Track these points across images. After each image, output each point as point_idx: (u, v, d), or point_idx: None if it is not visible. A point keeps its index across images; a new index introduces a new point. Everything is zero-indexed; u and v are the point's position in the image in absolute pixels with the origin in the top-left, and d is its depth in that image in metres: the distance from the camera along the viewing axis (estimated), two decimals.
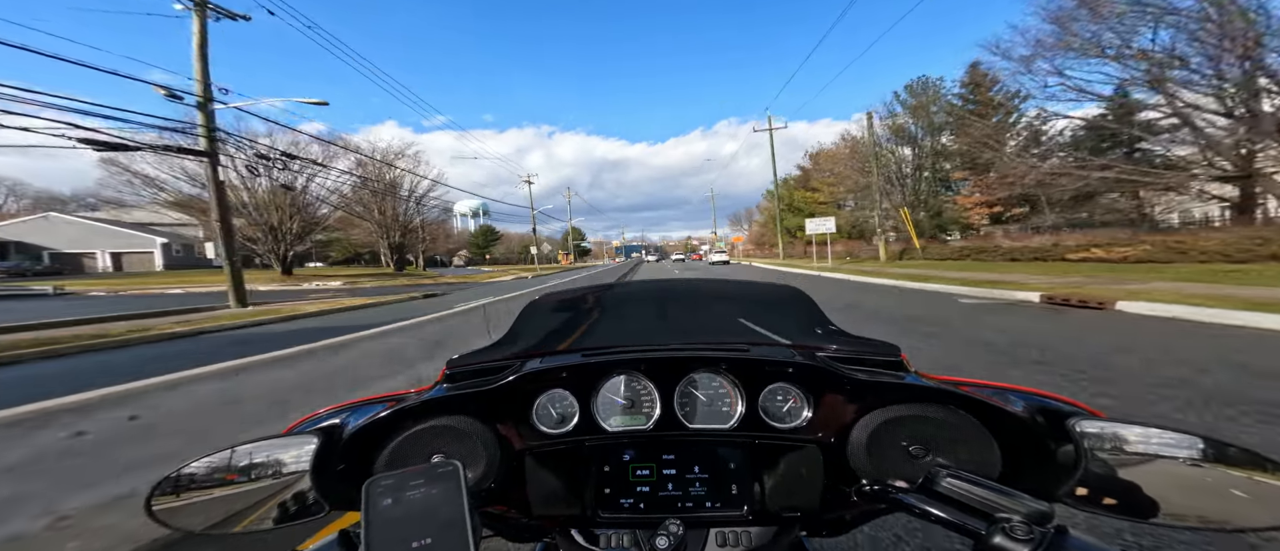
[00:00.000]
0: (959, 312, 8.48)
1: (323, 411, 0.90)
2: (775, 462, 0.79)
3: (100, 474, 3.07)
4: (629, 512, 0.77)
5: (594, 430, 0.84)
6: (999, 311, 8.40)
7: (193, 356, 7.05)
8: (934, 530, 2.14)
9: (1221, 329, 5.98)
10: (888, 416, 0.77)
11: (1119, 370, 4.44)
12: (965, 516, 0.54)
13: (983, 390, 0.79)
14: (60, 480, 3.03)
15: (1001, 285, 11.11)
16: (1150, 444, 0.64)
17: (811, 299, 1.12)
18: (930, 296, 11.13)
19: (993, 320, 7.54)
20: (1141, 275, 11.89)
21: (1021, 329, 6.71)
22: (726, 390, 0.86)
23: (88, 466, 3.25)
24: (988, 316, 7.92)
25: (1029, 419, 0.73)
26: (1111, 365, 4.61)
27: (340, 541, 0.51)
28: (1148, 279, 10.94)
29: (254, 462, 0.71)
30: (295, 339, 8.48)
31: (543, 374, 0.86)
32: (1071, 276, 12.73)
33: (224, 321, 10.95)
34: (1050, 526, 0.50)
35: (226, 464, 0.71)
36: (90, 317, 11.29)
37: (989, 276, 13.98)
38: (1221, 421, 3.16)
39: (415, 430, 0.80)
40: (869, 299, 11.59)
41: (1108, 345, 5.47)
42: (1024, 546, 0.47)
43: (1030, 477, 0.71)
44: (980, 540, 0.50)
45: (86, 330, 9.55)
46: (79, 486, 2.88)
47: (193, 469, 0.70)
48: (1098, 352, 5.15)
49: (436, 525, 0.45)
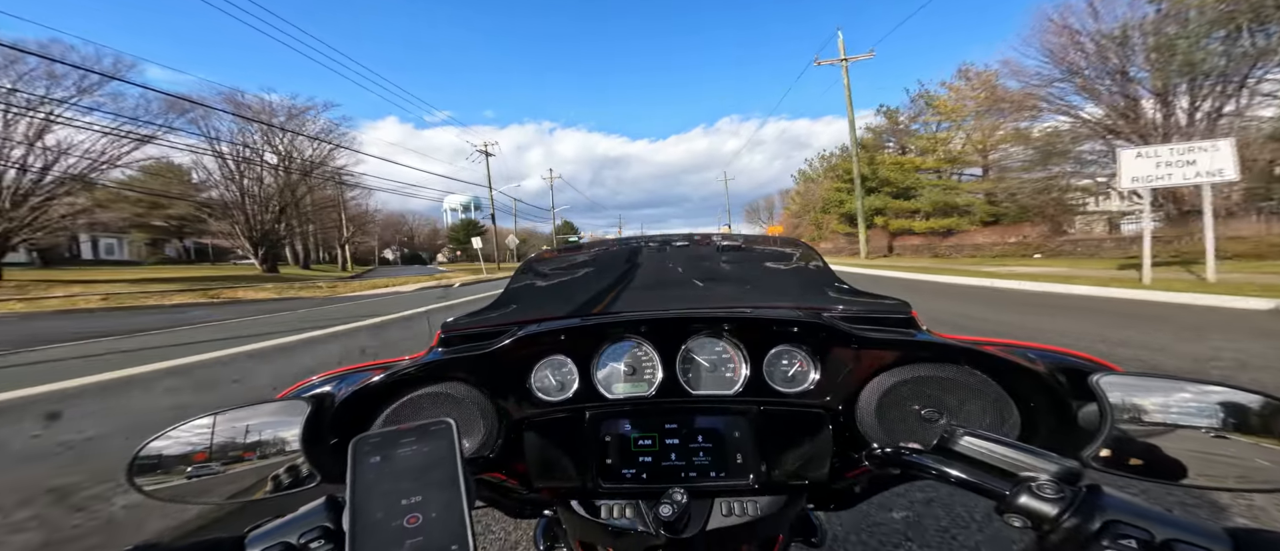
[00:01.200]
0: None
1: (315, 379, 0.88)
2: (781, 430, 0.77)
3: None
4: (631, 483, 0.75)
5: (594, 397, 0.81)
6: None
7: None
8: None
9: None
10: (898, 378, 0.74)
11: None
12: (987, 476, 0.51)
13: (998, 348, 0.75)
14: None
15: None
16: (1179, 398, 0.60)
17: (820, 255, 1.08)
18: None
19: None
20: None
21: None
22: (730, 354, 0.83)
23: None
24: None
25: (1049, 376, 0.69)
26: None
27: (327, 505, 0.49)
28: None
29: (243, 430, 0.69)
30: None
31: (540, 337, 0.83)
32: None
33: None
34: (1082, 485, 0.46)
35: (213, 431, 0.68)
36: None
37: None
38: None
39: (410, 397, 0.78)
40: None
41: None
42: (1053, 505, 0.44)
43: (1047, 440, 0.68)
44: (1003, 500, 0.47)
45: None
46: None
47: (176, 435, 0.67)
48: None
49: (428, 483, 0.43)
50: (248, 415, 0.70)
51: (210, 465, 0.67)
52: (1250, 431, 0.57)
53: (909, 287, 13.10)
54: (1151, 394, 0.61)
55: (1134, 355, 4.73)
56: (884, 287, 9.92)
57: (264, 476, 0.69)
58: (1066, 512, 0.43)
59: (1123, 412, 0.61)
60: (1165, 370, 0.68)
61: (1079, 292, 9.60)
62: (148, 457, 0.67)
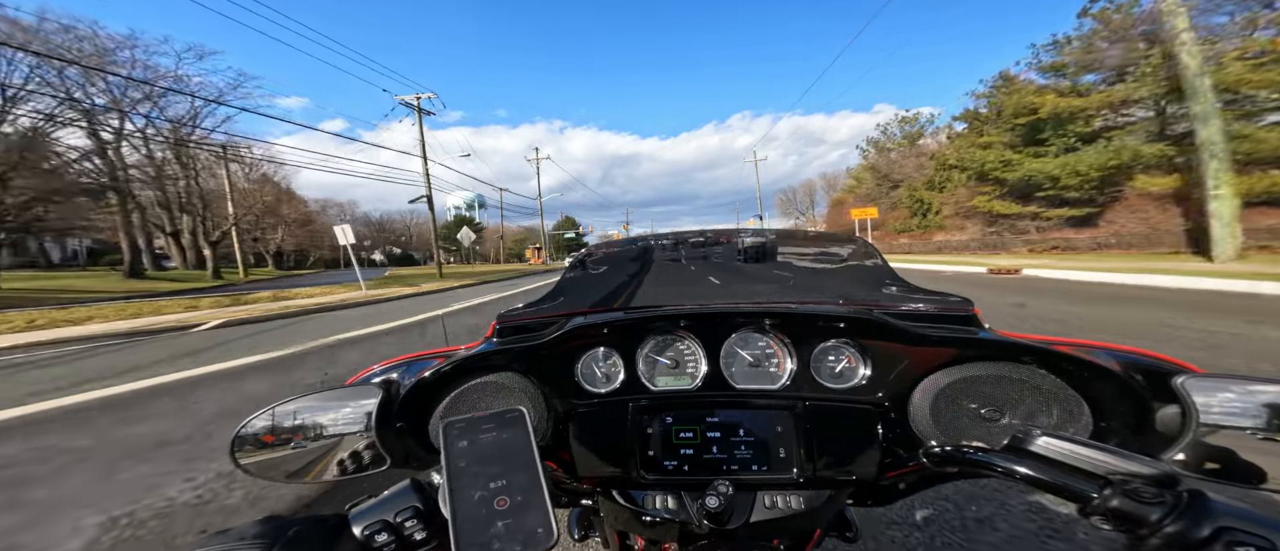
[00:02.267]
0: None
1: (376, 367, 0.92)
2: (829, 426, 0.76)
3: None
4: (673, 475, 0.76)
5: (638, 390, 0.82)
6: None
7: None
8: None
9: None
10: (956, 376, 0.71)
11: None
12: (1070, 478, 0.48)
13: (1071, 347, 0.72)
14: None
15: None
16: (1261, 400, 0.57)
17: (878, 251, 1.05)
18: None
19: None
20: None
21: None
22: (774, 349, 0.82)
23: None
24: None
25: (1127, 377, 0.65)
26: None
27: (413, 487, 0.52)
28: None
29: (323, 413, 0.74)
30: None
31: (586, 330, 0.84)
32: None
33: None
34: (1182, 489, 0.43)
35: (299, 413, 0.73)
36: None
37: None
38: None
39: (467, 386, 0.81)
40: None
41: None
42: (1154, 509, 0.41)
43: (1120, 443, 0.65)
44: (1091, 503, 0.45)
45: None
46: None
47: (271, 417, 0.73)
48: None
49: (511, 466, 0.46)
50: (328, 398, 0.75)
51: (298, 444, 0.73)
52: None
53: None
54: (1233, 395, 0.58)
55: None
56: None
57: (340, 458, 0.74)
58: (1168, 517, 0.41)
59: (1206, 415, 0.58)
60: (1248, 372, 0.62)
61: None
62: (246, 436, 0.72)
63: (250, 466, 0.72)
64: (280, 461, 0.72)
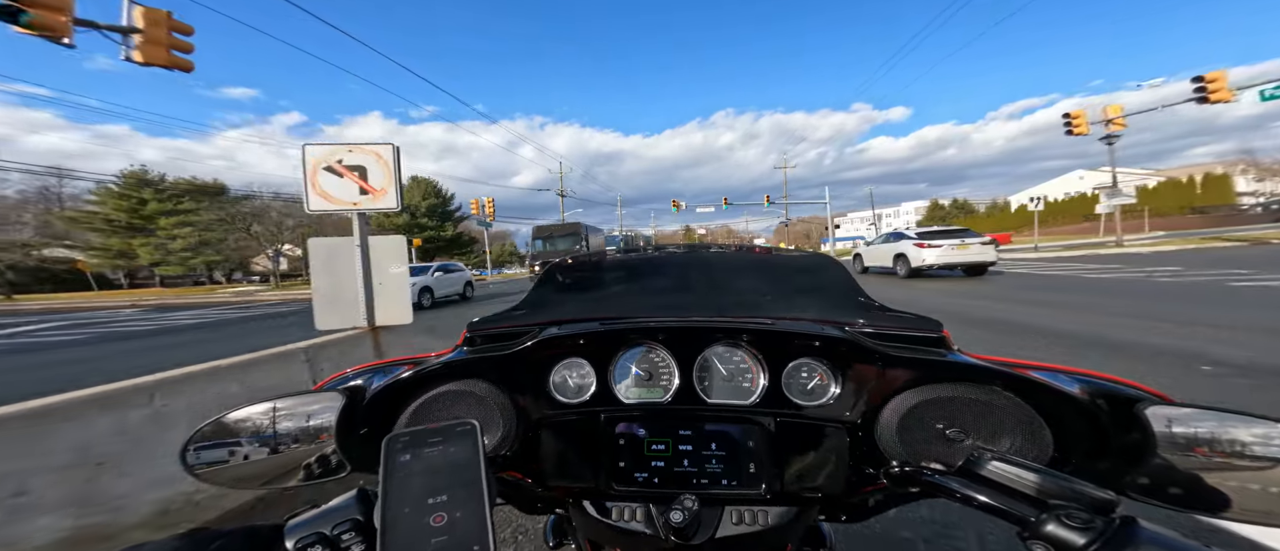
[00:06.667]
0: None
1: (349, 371, 0.91)
2: (797, 442, 0.76)
3: None
4: (643, 486, 0.75)
5: (610, 401, 0.82)
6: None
7: None
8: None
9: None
10: (924, 396, 0.72)
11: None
12: (1013, 502, 0.50)
13: (1034, 371, 0.73)
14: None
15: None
16: (1230, 432, 0.57)
17: (846, 268, 1.07)
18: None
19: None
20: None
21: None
22: (748, 364, 0.82)
23: None
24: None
25: (1090, 403, 0.66)
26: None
27: (359, 498, 0.51)
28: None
29: (286, 418, 0.72)
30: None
31: (559, 340, 0.84)
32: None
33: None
34: (1115, 516, 0.44)
35: (259, 418, 0.72)
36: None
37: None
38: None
39: (435, 393, 0.80)
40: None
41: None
42: (1083, 535, 0.42)
43: (1085, 467, 0.66)
44: (1028, 527, 0.46)
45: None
46: None
47: (225, 422, 0.71)
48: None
49: (453, 482, 0.44)
50: (290, 404, 0.73)
51: (254, 451, 0.71)
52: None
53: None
54: (1201, 426, 0.58)
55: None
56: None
57: (300, 463, 0.72)
58: (1095, 543, 0.42)
59: (1168, 443, 0.59)
60: (1219, 403, 0.65)
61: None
62: (200, 442, 0.70)
63: (205, 472, 0.70)
64: (238, 466, 0.70)
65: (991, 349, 1.08)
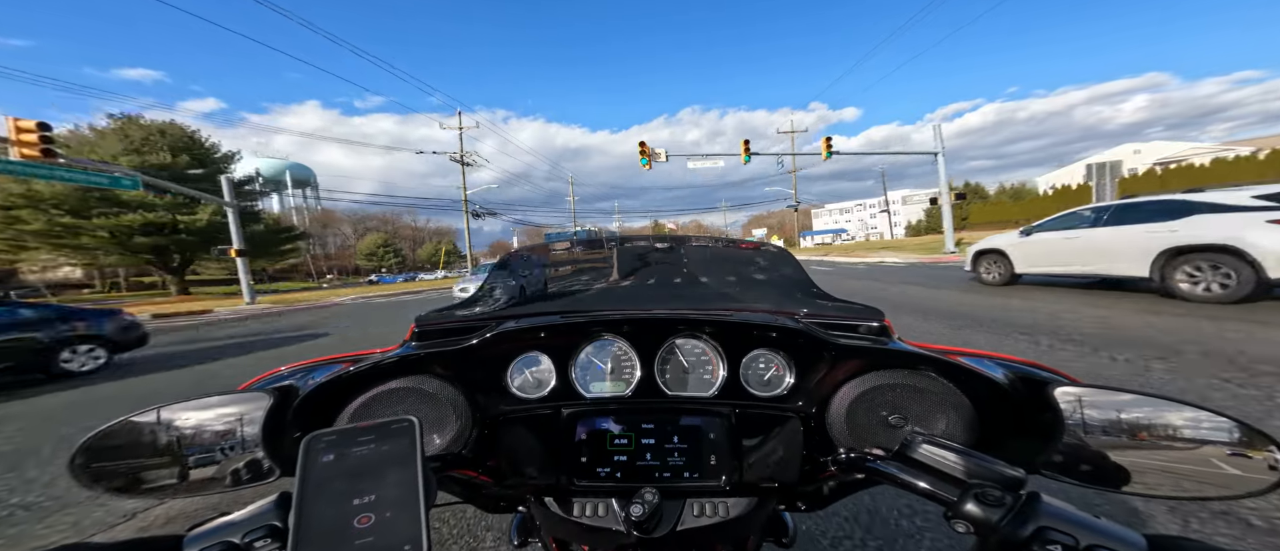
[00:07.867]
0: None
1: (283, 369, 0.86)
2: (755, 433, 0.78)
3: None
4: (606, 481, 0.75)
5: (572, 396, 0.81)
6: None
7: None
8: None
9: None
10: (868, 385, 0.75)
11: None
12: (940, 483, 0.54)
13: (963, 357, 0.78)
14: None
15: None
16: (1131, 411, 0.63)
17: (797, 261, 1.10)
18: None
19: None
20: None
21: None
22: (708, 356, 0.83)
23: None
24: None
25: (1008, 386, 0.72)
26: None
27: (278, 502, 0.48)
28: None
29: (201, 422, 0.67)
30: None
31: (518, 334, 0.82)
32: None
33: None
34: (1022, 492, 0.49)
35: (173, 419, 0.66)
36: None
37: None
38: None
39: (380, 391, 0.77)
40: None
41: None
42: (995, 511, 0.47)
43: (1010, 447, 0.71)
44: (952, 507, 0.50)
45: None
46: None
47: (127, 425, 0.65)
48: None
49: (385, 483, 0.42)
50: (206, 406, 0.68)
51: (163, 457, 0.65)
52: (1192, 444, 0.60)
53: None
54: (1105, 406, 0.64)
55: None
56: None
57: (223, 471, 0.67)
58: (1005, 519, 0.46)
59: (1077, 422, 0.64)
60: (1121, 383, 0.71)
61: None
62: (94, 448, 0.64)
63: (103, 481, 0.64)
64: (142, 477, 0.64)
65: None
